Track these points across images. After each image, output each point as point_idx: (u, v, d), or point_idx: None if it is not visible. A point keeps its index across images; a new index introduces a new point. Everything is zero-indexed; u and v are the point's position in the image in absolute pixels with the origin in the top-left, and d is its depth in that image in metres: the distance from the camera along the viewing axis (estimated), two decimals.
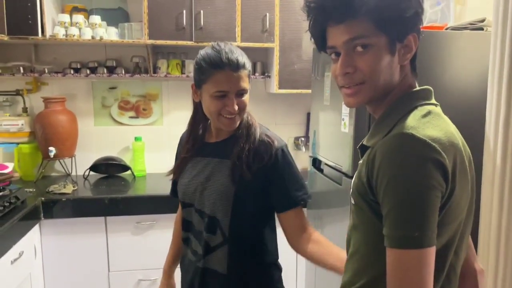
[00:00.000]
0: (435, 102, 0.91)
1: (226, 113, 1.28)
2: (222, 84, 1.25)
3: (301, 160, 2.96)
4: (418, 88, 0.91)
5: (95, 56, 2.88)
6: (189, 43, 2.62)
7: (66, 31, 2.59)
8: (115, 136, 3.02)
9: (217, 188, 1.32)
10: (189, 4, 2.58)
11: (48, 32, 2.54)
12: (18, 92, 2.87)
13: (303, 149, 3.13)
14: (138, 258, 2.52)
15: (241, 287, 1.35)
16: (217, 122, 1.32)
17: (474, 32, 1.84)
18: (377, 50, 0.85)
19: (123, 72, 2.82)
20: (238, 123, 1.32)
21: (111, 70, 2.84)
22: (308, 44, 2.72)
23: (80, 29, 2.61)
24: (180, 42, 2.62)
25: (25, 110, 2.86)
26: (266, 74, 2.95)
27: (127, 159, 3.00)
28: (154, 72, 2.83)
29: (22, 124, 2.79)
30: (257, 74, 2.93)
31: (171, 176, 1.50)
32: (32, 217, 2.28)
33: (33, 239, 2.29)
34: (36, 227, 2.34)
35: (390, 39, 0.84)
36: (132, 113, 3.04)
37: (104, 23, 2.69)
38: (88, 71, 2.80)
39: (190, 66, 2.76)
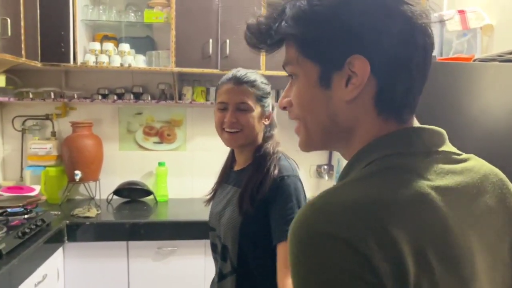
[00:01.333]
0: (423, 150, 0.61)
1: (226, 126, 1.33)
2: (222, 95, 1.34)
3: (324, 188, 2.92)
4: (394, 131, 0.62)
5: (123, 83, 2.96)
6: (215, 71, 2.67)
7: (96, 58, 2.67)
8: (139, 160, 3.07)
9: (229, 217, 1.34)
10: (215, 33, 2.64)
11: (79, 60, 2.63)
12: (47, 117, 2.95)
13: (326, 177, 3.11)
14: (158, 284, 2.51)
15: None
16: (222, 138, 1.37)
17: (503, 64, 1.82)
18: (302, 80, 0.65)
19: (149, 98, 2.88)
20: (241, 141, 1.35)
21: (137, 96, 2.90)
22: None
23: (109, 56, 2.69)
24: (205, 70, 2.67)
25: (53, 134, 2.94)
26: None
27: (150, 184, 3.02)
28: (179, 98, 2.88)
29: (50, 148, 2.86)
30: None
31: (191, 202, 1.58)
32: (56, 240, 2.30)
33: (56, 262, 2.31)
34: (60, 250, 2.36)
35: (319, 67, 0.62)
36: (156, 139, 3.08)
37: (133, 50, 2.77)
38: (115, 97, 2.87)
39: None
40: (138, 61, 2.75)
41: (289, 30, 0.63)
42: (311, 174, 3.16)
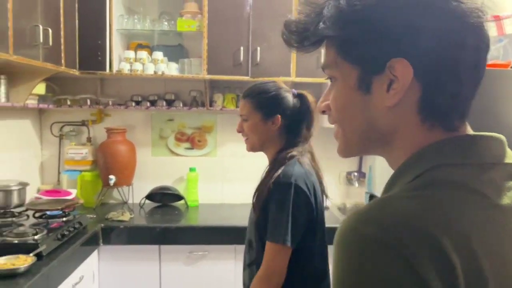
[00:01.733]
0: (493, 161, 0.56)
1: None
2: None
3: (354, 195, 2.92)
4: (443, 139, 0.57)
5: (155, 90, 3.03)
6: (245, 78, 2.70)
7: (131, 66, 2.75)
8: (170, 166, 3.13)
9: (251, 214, 1.53)
10: (246, 41, 2.68)
11: (115, 68, 2.71)
12: (83, 123, 3.05)
13: (356, 184, 3.09)
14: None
15: None
16: None
17: None
18: (340, 84, 0.63)
19: (181, 105, 2.94)
20: (249, 146, 1.55)
21: (169, 103, 2.97)
22: None
23: (143, 64, 2.76)
24: (236, 77, 2.71)
25: (89, 139, 3.03)
26: None
27: (181, 189, 3.08)
28: (210, 105, 2.92)
29: (86, 153, 2.95)
30: None
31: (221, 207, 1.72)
32: (92, 243, 2.37)
33: (92, 264, 2.38)
34: (95, 252, 2.43)
35: (358, 70, 0.59)
36: (187, 144, 3.14)
37: (166, 58, 2.84)
38: (148, 104, 2.94)
39: None
40: (171, 69, 2.81)
41: (327, 31, 0.60)
42: (341, 181, 3.14)
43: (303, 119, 1.54)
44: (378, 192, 2.25)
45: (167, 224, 2.57)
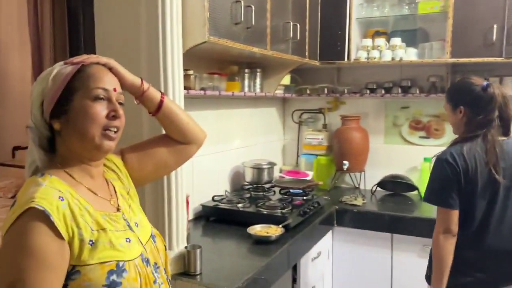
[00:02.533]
0: None
1: None
2: None
3: None
4: None
5: (391, 77, 2.98)
6: (498, 59, 2.40)
7: (367, 54, 2.78)
8: (403, 155, 3.05)
9: None
10: (502, 18, 2.36)
11: (352, 56, 2.79)
12: (320, 110, 3.26)
13: None
14: (423, 283, 2.45)
15: None
16: None
17: None
18: None
19: (418, 92, 2.81)
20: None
21: (405, 90, 2.88)
22: None
23: (380, 51, 2.75)
24: (486, 59, 2.43)
25: (324, 126, 3.22)
26: None
27: (414, 179, 2.97)
28: None
29: (322, 139, 3.15)
30: None
31: None
32: (328, 223, 2.53)
33: (327, 243, 2.54)
34: (330, 232, 2.59)
35: None
36: (422, 133, 2.99)
37: (404, 44, 2.76)
38: (383, 91, 2.92)
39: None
40: (409, 54, 2.72)
41: None
42: None
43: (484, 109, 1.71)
44: None
45: (400, 213, 2.52)
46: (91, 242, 0.90)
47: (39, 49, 1.63)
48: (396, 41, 2.74)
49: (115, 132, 0.98)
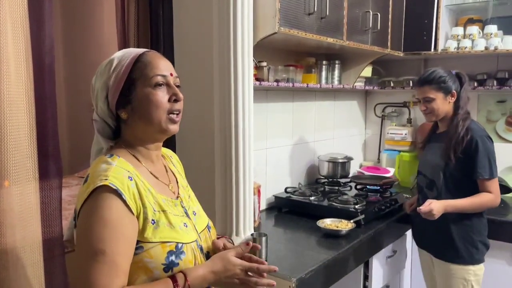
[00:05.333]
0: None
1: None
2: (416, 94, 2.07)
3: None
4: None
5: (485, 68, 2.74)
6: None
7: (458, 44, 2.58)
8: (498, 154, 2.73)
9: (437, 162, 2.04)
10: None
11: (440, 46, 2.61)
12: (405, 104, 3.10)
13: None
14: None
15: None
16: None
17: None
18: None
19: None
20: (433, 118, 2.02)
21: (501, 82, 2.62)
22: None
23: (473, 40, 2.54)
24: None
25: (409, 121, 3.06)
26: None
27: (509, 181, 2.70)
28: None
29: (406, 134, 2.99)
30: None
31: None
32: (406, 222, 2.40)
33: (406, 242, 2.42)
34: (409, 231, 2.46)
35: None
36: None
37: (501, 32, 2.51)
38: (475, 83, 2.69)
39: None
40: (507, 43, 2.47)
41: None
42: None
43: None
44: None
45: (491, 216, 2.31)
46: (153, 222, 0.96)
47: (125, 45, 1.76)
48: (492, 28, 2.51)
49: (177, 114, 1.04)
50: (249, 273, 1.04)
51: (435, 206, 1.85)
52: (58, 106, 1.39)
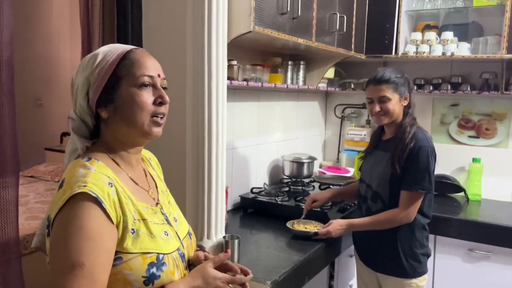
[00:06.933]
0: None
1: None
2: (367, 92, 1.90)
3: None
4: None
5: (440, 73, 2.86)
6: None
7: (416, 48, 2.68)
8: (450, 154, 2.92)
9: (382, 172, 1.93)
10: None
11: (400, 50, 2.69)
12: (364, 106, 3.17)
13: None
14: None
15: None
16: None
17: None
18: None
19: (469, 89, 2.68)
20: (386, 121, 1.85)
21: (455, 87, 2.75)
22: None
23: (430, 46, 2.64)
24: None
25: (368, 122, 3.14)
26: None
27: (461, 180, 2.84)
28: (506, 89, 2.56)
29: (364, 135, 3.07)
30: None
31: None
32: None
33: None
34: None
35: None
36: (472, 133, 2.86)
37: (456, 38, 2.63)
38: (431, 87, 2.81)
39: None
40: (462, 49, 2.59)
41: None
42: None
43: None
44: None
45: (445, 214, 2.42)
46: (133, 231, 0.90)
47: (89, 37, 1.66)
48: (448, 35, 2.62)
49: (161, 118, 0.98)
50: (230, 285, 1.01)
51: (333, 228, 1.84)
52: None
